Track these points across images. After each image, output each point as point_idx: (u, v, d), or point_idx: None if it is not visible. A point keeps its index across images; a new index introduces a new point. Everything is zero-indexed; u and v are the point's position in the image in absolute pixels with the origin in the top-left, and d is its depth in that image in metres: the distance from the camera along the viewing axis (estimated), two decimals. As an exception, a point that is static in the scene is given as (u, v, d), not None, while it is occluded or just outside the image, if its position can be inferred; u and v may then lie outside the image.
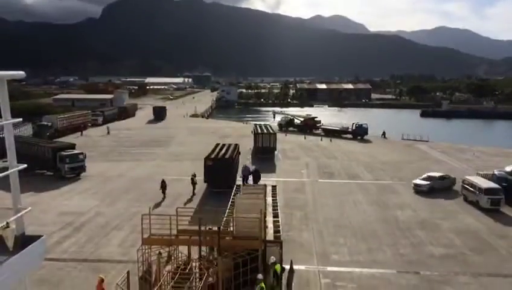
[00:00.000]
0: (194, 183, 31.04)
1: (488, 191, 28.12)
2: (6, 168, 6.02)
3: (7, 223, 5.50)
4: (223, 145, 37.35)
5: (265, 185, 23.89)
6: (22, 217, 5.97)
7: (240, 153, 38.61)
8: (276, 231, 17.22)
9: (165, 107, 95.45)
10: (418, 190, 32.49)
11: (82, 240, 22.53)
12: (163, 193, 30.02)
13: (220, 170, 31.01)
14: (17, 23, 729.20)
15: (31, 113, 66.72)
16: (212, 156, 32.98)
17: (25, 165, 6.26)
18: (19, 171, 6.15)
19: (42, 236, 5.99)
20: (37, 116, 65.18)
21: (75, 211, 27.08)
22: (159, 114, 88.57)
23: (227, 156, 33.12)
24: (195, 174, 31.57)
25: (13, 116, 6.10)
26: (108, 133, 63.85)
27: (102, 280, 14.87)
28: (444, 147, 55.12)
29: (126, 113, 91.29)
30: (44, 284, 17.08)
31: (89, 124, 71.13)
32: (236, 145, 37.98)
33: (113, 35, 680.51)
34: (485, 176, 31.38)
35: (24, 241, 5.73)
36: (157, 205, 28.14)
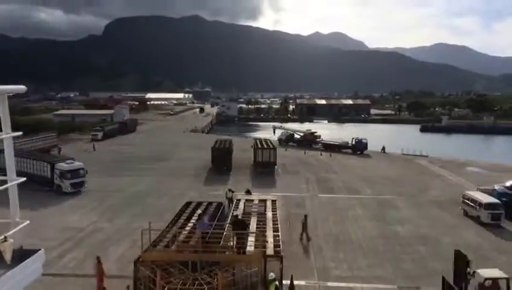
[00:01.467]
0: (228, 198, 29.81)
1: (488, 206, 28.06)
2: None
3: (5, 236, 5.50)
4: (221, 140, 54.84)
5: (265, 201, 23.88)
6: (20, 230, 5.97)
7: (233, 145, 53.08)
8: (277, 245, 17.15)
9: (136, 119, 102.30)
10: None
11: (81, 256, 22.40)
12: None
13: (221, 156, 46.41)
14: (19, 39, 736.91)
15: (31, 129, 66.25)
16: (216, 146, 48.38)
17: (24, 179, 6.29)
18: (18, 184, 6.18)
19: (40, 250, 5.98)
20: (38, 132, 64.84)
21: (75, 226, 26.97)
22: (128, 126, 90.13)
23: (226, 146, 49.58)
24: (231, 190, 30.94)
25: (14, 131, 6.15)
26: (94, 149, 62.22)
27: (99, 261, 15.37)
28: (444, 161, 55.12)
29: (126, 128, 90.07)
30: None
31: (57, 147, 61.22)
32: (230, 140, 55.35)
33: (115, 51, 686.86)
34: (485, 191, 31.33)
35: (22, 254, 5.71)
36: (158, 220, 27.99)
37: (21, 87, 6.27)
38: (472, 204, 29.35)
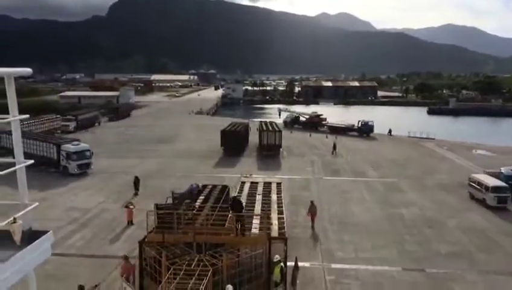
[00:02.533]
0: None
1: (495, 189, 27.98)
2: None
3: (14, 218, 5.55)
4: (236, 123, 53.65)
5: (270, 183, 23.94)
6: (29, 212, 6.03)
7: (250, 129, 55.29)
8: (281, 227, 17.23)
9: (132, 104, 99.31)
10: None
11: (88, 236, 22.73)
12: (136, 189, 30.54)
13: (232, 139, 46.39)
14: (22, 20, 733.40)
15: (38, 110, 66.43)
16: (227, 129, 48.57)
17: (32, 161, 6.31)
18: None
19: (49, 231, 6.05)
20: (45, 113, 64.86)
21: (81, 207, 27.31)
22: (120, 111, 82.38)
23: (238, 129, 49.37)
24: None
25: (20, 113, 6.15)
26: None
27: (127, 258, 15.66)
28: (451, 144, 54.81)
29: (117, 114, 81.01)
30: (50, 279, 17.22)
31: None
32: (247, 124, 55.92)
33: (119, 32, 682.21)
34: (492, 174, 31.18)
35: (31, 236, 5.79)
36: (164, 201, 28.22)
37: (27, 70, 6.23)
38: (478, 187, 29.28)
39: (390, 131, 64.10)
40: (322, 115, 73.00)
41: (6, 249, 5.29)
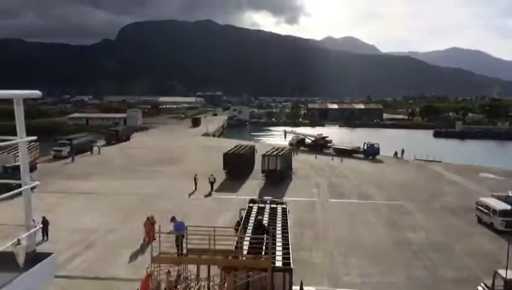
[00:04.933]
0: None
1: (502, 213, 27.62)
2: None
3: (18, 240, 5.57)
4: (241, 146, 52.55)
5: (276, 206, 23.71)
6: (33, 234, 6.05)
7: (256, 152, 51.35)
8: (286, 257, 16.49)
9: (131, 127, 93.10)
10: None
11: (92, 258, 22.61)
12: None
13: (235, 162, 44.83)
14: (34, 44, 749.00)
15: (47, 132, 66.88)
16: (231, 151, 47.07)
17: (38, 182, 6.39)
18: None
19: (53, 253, 6.05)
20: (53, 135, 65.26)
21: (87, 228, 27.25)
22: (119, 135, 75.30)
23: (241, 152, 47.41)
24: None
25: (29, 134, 6.26)
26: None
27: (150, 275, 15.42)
28: (458, 167, 54.39)
29: (117, 138, 75.11)
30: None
31: None
32: (253, 146, 53.40)
33: (128, 55, 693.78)
34: (500, 198, 30.83)
35: (35, 258, 5.78)
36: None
37: (36, 92, 6.37)
38: (486, 211, 28.92)
39: (396, 153, 63.72)
40: (327, 137, 73.04)
41: (9, 271, 5.29)
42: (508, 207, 28.25)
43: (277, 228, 19.55)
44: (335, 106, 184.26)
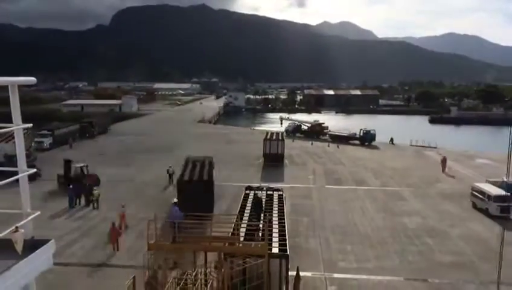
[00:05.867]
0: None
1: (497, 198, 27.88)
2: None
3: (16, 227, 5.56)
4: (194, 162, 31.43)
5: (272, 193, 23.81)
6: (31, 221, 6.03)
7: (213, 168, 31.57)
8: (282, 243, 16.67)
9: (107, 117, 78.47)
10: None
11: (89, 245, 22.68)
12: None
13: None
14: (26, 29, 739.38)
15: (40, 119, 66.28)
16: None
17: (35, 170, 6.35)
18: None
19: (51, 240, 6.05)
20: (47, 122, 64.70)
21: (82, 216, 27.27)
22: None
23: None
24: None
25: (24, 121, 6.19)
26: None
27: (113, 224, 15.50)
28: (453, 153, 54.64)
29: (92, 129, 64.93)
30: (52, 288, 17.16)
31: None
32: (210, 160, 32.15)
33: (122, 41, 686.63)
34: (494, 183, 31.07)
35: (33, 245, 5.78)
36: (165, 211, 28.19)
37: (31, 79, 6.29)
38: (481, 196, 29.17)
39: (392, 139, 63.98)
40: (323, 123, 73.06)
41: (8, 258, 5.29)
42: (503, 193, 28.51)
43: (273, 215, 19.66)
44: (331, 92, 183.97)
